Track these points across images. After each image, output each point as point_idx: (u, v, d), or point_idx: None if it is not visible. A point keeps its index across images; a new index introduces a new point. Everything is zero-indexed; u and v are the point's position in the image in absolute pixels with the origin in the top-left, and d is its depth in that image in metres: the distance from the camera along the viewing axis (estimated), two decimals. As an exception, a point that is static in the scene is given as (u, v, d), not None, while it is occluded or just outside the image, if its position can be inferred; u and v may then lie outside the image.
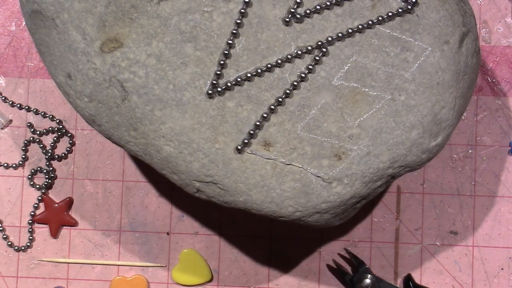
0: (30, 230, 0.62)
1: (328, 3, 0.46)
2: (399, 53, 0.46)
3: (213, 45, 0.46)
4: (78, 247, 0.62)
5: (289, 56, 0.46)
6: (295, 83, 0.46)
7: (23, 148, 0.62)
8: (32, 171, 0.62)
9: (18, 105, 0.62)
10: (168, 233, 0.61)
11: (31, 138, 0.62)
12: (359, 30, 0.46)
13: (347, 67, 0.46)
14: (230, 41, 0.46)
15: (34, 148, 0.62)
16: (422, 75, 0.46)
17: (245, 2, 0.46)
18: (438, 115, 0.47)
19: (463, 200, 0.61)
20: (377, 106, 0.46)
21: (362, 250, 0.61)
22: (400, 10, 0.46)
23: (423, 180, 0.61)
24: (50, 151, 0.62)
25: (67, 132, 0.62)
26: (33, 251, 0.62)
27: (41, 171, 0.62)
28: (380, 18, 0.46)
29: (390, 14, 0.46)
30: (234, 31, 0.46)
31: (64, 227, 0.62)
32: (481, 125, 0.61)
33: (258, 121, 0.46)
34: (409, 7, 0.46)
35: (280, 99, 0.46)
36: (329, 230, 0.61)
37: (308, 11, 0.46)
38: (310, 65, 0.46)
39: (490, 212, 0.60)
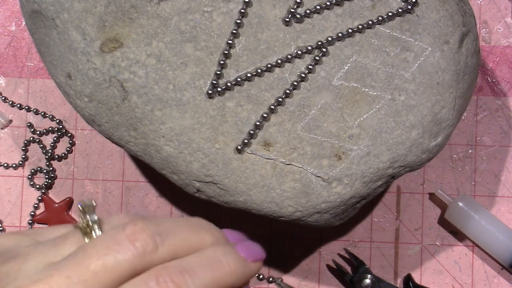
0: (30, 230, 0.62)
1: (328, 3, 0.46)
2: (399, 53, 0.46)
3: (213, 45, 0.46)
4: (78, 247, 0.61)
5: (289, 56, 0.46)
6: (295, 83, 0.46)
7: (23, 148, 0.62)
8: (32, 171, 0.62)
9: (18, 105, 0.62)
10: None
11: (31, 138, 0.62)
12: (359, 30, 0.46)
13: (347, 67, 0.46)
14: (230, 41, 0.46)
15: (34, 148, 0.62)
16: (422, 75, 0.46)
17: (245, 2, 0.46)
18: (438, 115, 0.47)
19: (463, 200, 0.61)
20: (377, 106, 0.46)
21: (362, 250, 0.61)
22: (400, 10, 0.46)
23: (423, 180, 0.61)
24: (50, 151, 0.62)
25: (67, 132, 0.62)
26: (33, 251, 0.62)
27: (41, 171, 0.62)
28: (380, 18, 0.46)
29: (390, 14, 0.46)
30: (234, 31, 0.46)
31: (64, 227, 0.62)
32: (481, 125, 0.61)
33: (258, 121, 0.46)
34: (409, 7, 0.46)
35: (280, 99, 0.46)
36: (329, 230, 0.61)
37: (308, 11, 0.46)
38: (310, 65, 0.46)
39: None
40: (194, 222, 0.33)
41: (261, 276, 0.39)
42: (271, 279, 0.39)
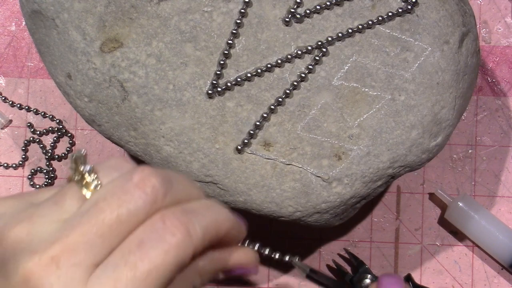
0: (30, 230, 0.61)
1: (328, 3, 0.46)
2: (399, 53, 0.46)
3: (213, 45, 0.46)
4: (78, 247, 0.61)
5: (289, 56, 0.46)
6: (295, 83, 0.46)
7: (23, 148, 0.62)
8: (32, 171, 0.62)
9: (18, 105, 0.62)
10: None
11: (31, 138, 0.62)
12: (359, 30, 0.46)
13: (347, 67, 0.46)
14: (230, 41, 0.46)
15: (34, 148, 0.62)
16: (422, 75, 0.46)
17: (245, 2, 0.46)
18: (438, 115, 0.47)
19: (463, 200, 0.61)
20: (377, 106, 0.46)
21: (362, 250, 0.61)
22: (400, 10, 0.46)
23: (423, 180, 0.61)
24: (50, 151, 0.62)
25: (67, 132, 0.62)
26: (33, 251, 0.62)
27: (41, 171, 0.62)
28: (380, 18, 0.46)
29: (390, 14, 0.46)
30: (234, 31, 0.46)
31: (64, 227, 0.62)
32: (481, 125, 0.61)
33: (258, 121, 0.46)
34: (409, 7, 0.46)
35: (280, 99, 0.46)
36: (329, 230, 0.61)
37: (308, 11, 0.46)
38: (310, 65, 0.46)
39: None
40: (185, 176, 0.33)
41: (277, 256, 0.39)
42: (287, 258, 0.39)
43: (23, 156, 0.62)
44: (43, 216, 0.30)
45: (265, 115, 0.46)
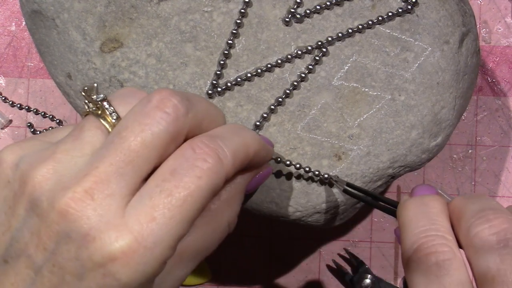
0: (30, 230, 0.61)
1: (328, 3, 0.46)
2: (399, 53, 0.46)
3: (213, 45, 0.46)
4: (78, 247, 0.61)
5: (289, 56, 0.46)
6: (295, 83, 0.46)
7: (23, 148, 0.62)
8: (32, 171, 0.62)
9: (18, 105, 0.62)
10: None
11: (31, 138, 0.62)
12: (359, 30, 0.46)
13: (347, 67, 0.46)
14: (230, 41, 0.46)
15: (34, 148, 0.62)
16: (422, 75, 0.46)
17: (245, 2, 0.46)
18: (438, 115, 0.47)
19: (463, 200, 0.61)
20: (377, 106, 0.46)
21: (362, 250, 0.61)
22: (400, 10, 0.46)
23: (423, 180, 0.61)
24: (50, 151, 0.62)
25: (67, 132, 0.62)
26: (33, 251, 0.62)
27: (41, 171, 0.62)
28: (380, 18, 0.46)
29: (390, 14, 0.46)
30: (234, 31, 0.46)
31: (64, 227, 0.62)
32: (481, 125, 0.61)
33: (258, 121, 0.46)
34: (409, 7, 0.46)
35: (280, 99, 0.46)
36: (329, 230, 0.61)
37: (308, 11, 0.46)
38: (310, 65, 0.46)
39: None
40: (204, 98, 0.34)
41: (317, 172, 0.39)
42: (326, 175, 0.39)
43: (23, 156, 0.62)
44: (66, 152, 0.29)
45: (265, 115, 0.46)
